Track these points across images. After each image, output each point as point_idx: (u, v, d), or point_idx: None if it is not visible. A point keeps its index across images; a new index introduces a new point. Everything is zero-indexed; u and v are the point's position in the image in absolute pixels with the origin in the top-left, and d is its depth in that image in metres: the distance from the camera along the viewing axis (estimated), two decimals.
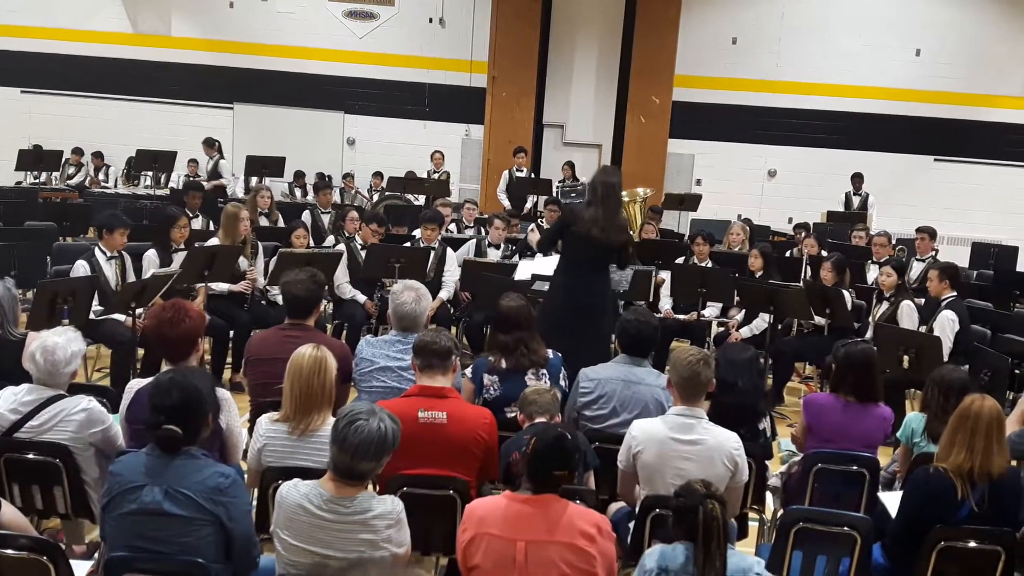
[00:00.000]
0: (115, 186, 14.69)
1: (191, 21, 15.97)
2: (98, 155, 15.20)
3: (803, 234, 10.75)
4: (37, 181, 13.54)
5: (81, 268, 6.75)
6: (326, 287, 6.77)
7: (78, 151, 14.67)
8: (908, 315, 7.41)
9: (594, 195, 6.19)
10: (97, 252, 6.92)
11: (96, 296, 6.64)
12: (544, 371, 4.78)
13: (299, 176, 14.79)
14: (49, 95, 15.94)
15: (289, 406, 3.87)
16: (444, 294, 8.29)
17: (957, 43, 15.05)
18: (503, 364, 4.76)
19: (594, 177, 6.37)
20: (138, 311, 6.44)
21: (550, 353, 4.89)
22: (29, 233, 9.05)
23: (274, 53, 15.78)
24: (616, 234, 6.12)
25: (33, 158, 13.54)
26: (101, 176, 15.06)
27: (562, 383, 4.82)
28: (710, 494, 3.11)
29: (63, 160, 14.59)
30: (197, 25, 15.97)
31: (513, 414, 4.45)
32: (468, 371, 4.88)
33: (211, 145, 14.44)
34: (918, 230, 10.12)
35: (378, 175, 14.72)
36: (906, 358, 6.48)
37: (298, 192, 14.57)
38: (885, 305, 7.62)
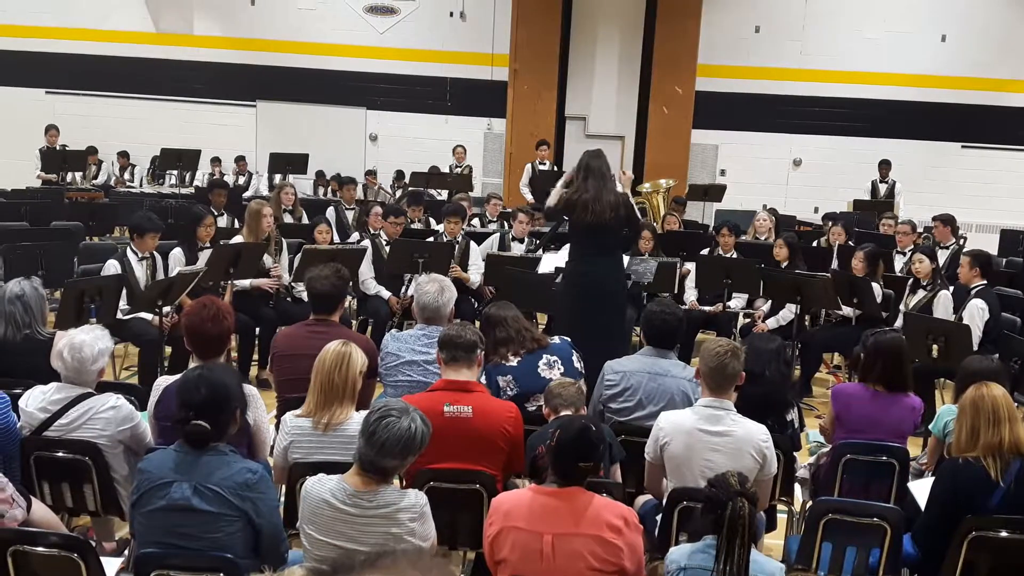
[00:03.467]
0: (140, 185, 14.77)
1: (213, 19, 16.04)
2: (124, 154, 15.30)
3: (831, 224, 10.65)
4: (62, 182, 13.59)
5: (112, 267, 6.81)
6: (350, 283, 6.78)
7: (92, 150, 14.71)
8: (944, 304, 7.32)
9: (579, 182, 6.17)
10: (128, 252, 6.99)
11: (124, 295, 6.69)
12: (556, 358, 4.72)
13: (320, 176, 14.83)
14: (73, 95, 16.06)
15: (311, 400, 3.88)
16: (474, 277, 8.34)
17: (983, 28, 14.86)
18: (512, 359, 4.71)
19: (577, 164, 6.36)
20: (165, 309, 6.47)
21: (557, 339, 4.87)
22: (56, 233, 9.11)
23: (296, 50, 15.82)
24: (606, 211, 6.03)
25: (58, 159, 13.62)
26: (127, 176, 15.15)
27: (576, 365, 4.79)
28: (743, 491, 3.10)
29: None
30: (219, 23, 16.04)
31: (534, 407, 4.44)
32: (482, 378, 4.85)
33: (49, 131, 14.25)
34: (934, 218, 9.99)
35: (399, 175, 14.72)
36: (935, 347, 6.42)
37: (321, 191, 14.60)
38: (921, 293, 7.54)
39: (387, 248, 8.26)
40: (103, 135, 15.30)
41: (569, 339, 4.94)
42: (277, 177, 13.59)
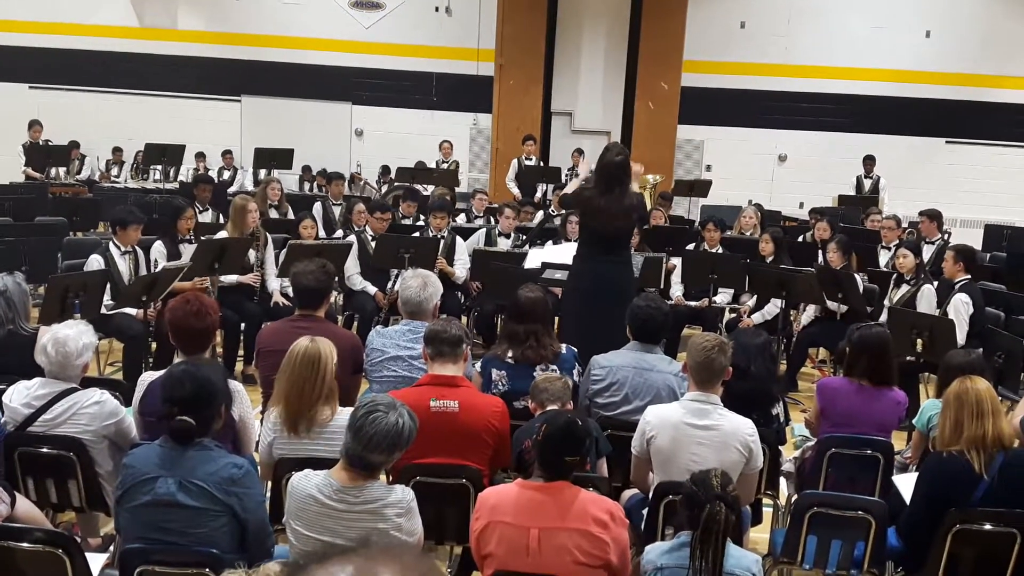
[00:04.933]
0: (124, 180, 14.71)
1: (197, 14, 15.97)
2: (118, 150, 15.25)
3: (816, 219, 10.69)
4: (47, 177, 13.52)
5: (96, 262, 6.77)
6: (336, 278, 6.76)
7: (74, 144, 14.64)
8: (927, 299, 7.35)
9: (598, 181, 6.17)
10: (111, 247, 6.95)
11: (108, 291, 6.66)
12: (554, 367, 4.70)
13: (307, 170, 14.78)
14: (57, 90, 15.96)
15: (282, 406, 3.84)
16: (459, 272, 8.35)
17: (967, 23, 14.94)
18: (510, 357, 4.71)
19: (599, 161, 6.30)
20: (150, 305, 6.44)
21: (563, 348, 4.85)
22: (39, 228, 9.07)
23: (281, 45, 15.75)
24: (619, 221, 6.05)
25: (42, 154, 13.54)
26: (114, 171, 15.09)
27: (575, 378, 4.77)
28: (723, 495, 3.11)
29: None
30: (203, 18, 15.97)
31: (523, 404, 4.44)
32: (478, 365, 4.85)
33: (33, 126, 14.12)
34: (920, 213, 10.06)
35: (385, 170, 14.69)
36: (919, 342, 6.45)
37: (307, 185, 14.56)
38: (904, 288, 7.57)
39: (372, 244, 8.24)
40: (87, 130, 15.22)
41: (576, 349, 4.91)
42: (262, 172, 13.55)
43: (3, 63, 15.87)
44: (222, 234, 7.63)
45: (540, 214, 10.97)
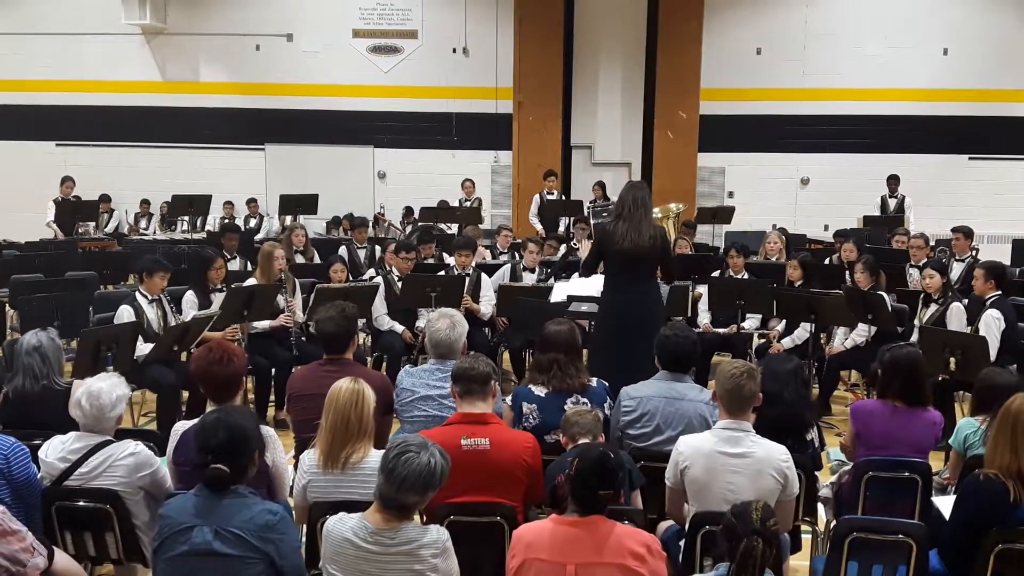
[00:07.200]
0: (152, 232, 14.90)
1: (218, 66, 16.21)
2: (145, 202, 15.49)
3: (842, 241, 10.62)
4: (76, 233, 13.71)
5: (125, 313, 6.85)
6: (359, 319, 6.79)
7: (105, 198, 14.87)
8: (957, 317, 7.29)
9: (620, 209, 6.21)
10: (138, 296, 7.03)
11: (141, 337, 6.73)
12: (585, 399, 4.69)
13: (335, 219, 14.89)
14: (83, 147, 16.24)
15: (325, 439, 3.88)
16: (485, 308, 8.38)
17: (984, 40, 14.92)
18: (541, 391, 4.72)
19: (620, 193, 6.35)
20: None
21: (594, 382, 4.84)
22: (70, 283, 9.15)
23: (302, 92, 15.98)
24: (643, 252, 6.10)
25: (71, 209, 13.74)
26: (143, 223, 15.30)
27: (606, 411, 4.75)
28: (761, 529, 3.08)
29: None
30: (224, 70, 16.20)
31: (554, 439, 4.42)
32: (508, 399, 4.86)
33: (65, 182, 14.39)
34: (953, 230, 10.02)
35: (408, 211, 14.78)
36: (952, 360, 6.39)
37: (335, 233, 14.65)
38: (933, 307, 7.51)
39: (399, 284, 8.28)
40: (114, 184, 15.47)
41: (606, 383, 4.91)
42: (288, 218, 13.68)
43: (30, 122, 16.19)
44: (251, 281, 7.71)
45: (563, 247, 10.99)
